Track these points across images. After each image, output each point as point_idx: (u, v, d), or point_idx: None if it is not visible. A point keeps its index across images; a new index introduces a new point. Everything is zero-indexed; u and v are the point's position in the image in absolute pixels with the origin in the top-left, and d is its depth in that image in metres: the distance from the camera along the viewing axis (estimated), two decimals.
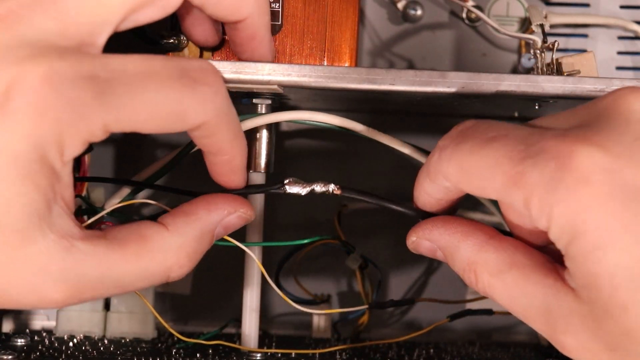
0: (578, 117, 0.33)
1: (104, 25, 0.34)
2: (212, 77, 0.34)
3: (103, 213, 0.39)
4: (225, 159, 0.36)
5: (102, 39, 0.34)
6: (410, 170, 0.37)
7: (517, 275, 0.33)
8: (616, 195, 0.29)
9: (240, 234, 0.48)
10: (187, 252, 0.36)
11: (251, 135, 0.46)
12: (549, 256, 0.34)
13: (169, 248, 0.35)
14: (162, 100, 0.32)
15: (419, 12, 0.56)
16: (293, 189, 0.39)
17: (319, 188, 0.39)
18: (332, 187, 0.39)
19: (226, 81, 0.40)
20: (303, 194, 0.39)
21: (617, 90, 0.32)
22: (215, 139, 0.35)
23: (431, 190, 0.36)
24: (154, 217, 0.37)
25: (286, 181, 0.39)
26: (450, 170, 0.34)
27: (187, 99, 0.33)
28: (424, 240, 0.37)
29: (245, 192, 0.38)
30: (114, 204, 0.40)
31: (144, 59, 0.33)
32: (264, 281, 0.49)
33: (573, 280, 0.31)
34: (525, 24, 0.56)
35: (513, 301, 0.33)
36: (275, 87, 0.41)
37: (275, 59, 0.44)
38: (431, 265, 0.59)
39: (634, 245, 0.29)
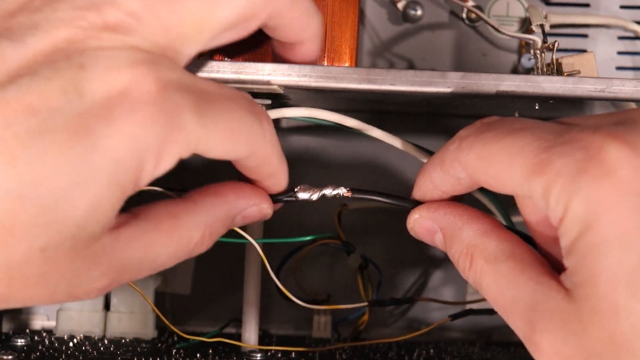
0: (613, 117, 0.32)
1: (191, 52, 0.34)
2: (266, 113, 0.35)
3: None
4: (274, 182, 0.38)
5: (188, 59, 0.34)
6: (411, 170, 0.37)
7: (512, 266, 0.33)
8: (638, 195, 0.29)
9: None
10: (210, 231, 0.35)
11: None
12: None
13: (197, 225, 0.35)
14: (240, 123, 0.33)
15: (419, 12, 0.56)
16: (304, 195, 0.39)
17: (329, 192, 0.39)
18: (342, 190, 0.39)
19: (226, 81, 0.40)
20: (314, 199, 0.39)
21: None
22: (268, 167, 0.36)
23: (439, 180, 0.36)
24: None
25: (297, 188, 0.39)
26: (470, 157, 0.33)
27: (256, 126, 0.34)
28: (427, 219, 0.37)
29: None
30: None
31: (220, 84, 0.34)
32: (264, 281, 0.49)
33: (569, 280, 0.31)
34: (525, 24, 0.56)
35: (501, 292, 0.33)
36: (276, 87, 0.41)
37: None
38: (431, 266, 0.59)
39: None
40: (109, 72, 0.30)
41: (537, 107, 0.46)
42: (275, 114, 0.43)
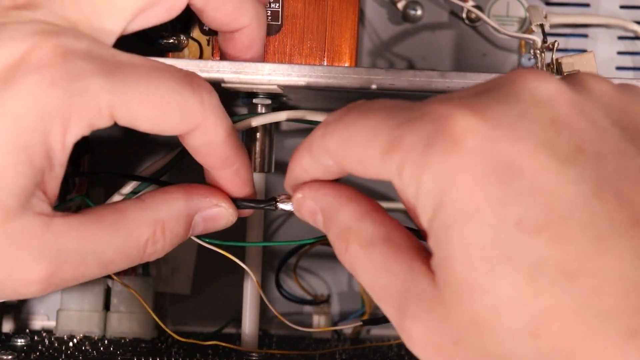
0: (475, 89, 0.30)
1: (112, 28, 0.35)
2: (207, 86, 0.34)
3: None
4: (234, 170, 0.36)
5: (109, 42, 0.35)
6: None
7: (386, 251, 0.31)
8: (487, 166, 0.26)
9: (240, 233, 0.48)
10: (162, 228, 0.35)
11: (251, 135, 0.46)
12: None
13: (146, 221, 0.34)
14: (167, 90, 0.32)
15: (419, 12, 0.56)
16: (285, 206, 0.38)
17: None
18: None
19: (226, 81, 0.40)
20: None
21: (518, 69, 0.30)
22: (219, 147, 0.35)
23: (309, 166, 0.34)
24: None
25: (278, 197, 0.39)
26: (332, 144, 0.31)
27: (188, 95, 0.33)
28: (308, 199, 0.34)
29: (236, 205, 0.38)
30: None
31: (147, 58, 0.34)
32: (264, 280, 0.49)
33: (433, 261, 0.28)
34: (525, 24, 0.56)
35: (374, 277, 0.30)
36: (275, 87, 0.41)
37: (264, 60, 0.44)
38: None
39: (495, 223, 0.26)
40: (8, 42, 0.31)
41: None
42: (273, 117, 0.43)
